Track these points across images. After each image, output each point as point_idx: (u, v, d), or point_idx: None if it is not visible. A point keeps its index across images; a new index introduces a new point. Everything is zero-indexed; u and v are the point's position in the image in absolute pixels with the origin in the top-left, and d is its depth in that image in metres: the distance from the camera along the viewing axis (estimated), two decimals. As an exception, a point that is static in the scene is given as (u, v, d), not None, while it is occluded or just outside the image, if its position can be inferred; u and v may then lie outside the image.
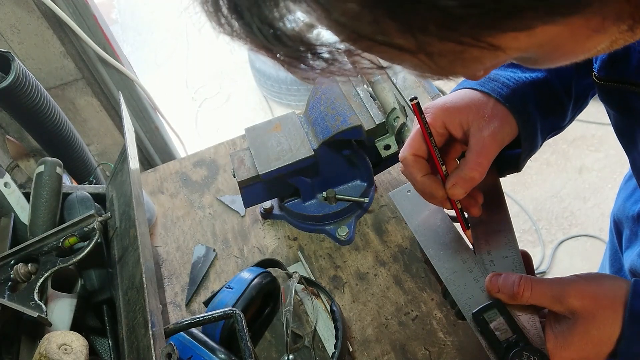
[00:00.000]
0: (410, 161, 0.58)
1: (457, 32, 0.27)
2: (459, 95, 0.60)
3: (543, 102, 0.60)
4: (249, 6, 0.28)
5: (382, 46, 0.29)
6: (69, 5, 1.37)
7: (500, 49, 0.29)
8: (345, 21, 0.28)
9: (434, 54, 0.29)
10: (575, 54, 0.34)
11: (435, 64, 0.30)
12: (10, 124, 1.41)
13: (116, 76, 1.57)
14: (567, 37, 0.31)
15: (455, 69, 0.33)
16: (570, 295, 0.50)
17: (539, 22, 0.28)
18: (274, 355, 0.80)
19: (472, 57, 0.30)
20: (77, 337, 0.65)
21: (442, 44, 0.28)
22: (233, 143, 1.12)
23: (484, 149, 0.56)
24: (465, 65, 0.32)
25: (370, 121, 0.82)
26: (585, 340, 0.49)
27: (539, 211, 2.22)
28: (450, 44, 0.28)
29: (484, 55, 0.30)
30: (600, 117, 2.37)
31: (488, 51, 0.29)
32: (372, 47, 0.30)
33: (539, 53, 0.33)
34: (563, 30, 0.29)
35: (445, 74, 0.33)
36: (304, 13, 0.29)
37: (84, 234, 0.73)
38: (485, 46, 0.28)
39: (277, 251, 0.93)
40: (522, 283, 0.53)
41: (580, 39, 0.31)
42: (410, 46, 0.28)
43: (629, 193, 0.76)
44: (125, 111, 0.82)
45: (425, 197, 0.60)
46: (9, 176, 0.83)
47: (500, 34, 0.28)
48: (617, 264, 0.83)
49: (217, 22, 0.30)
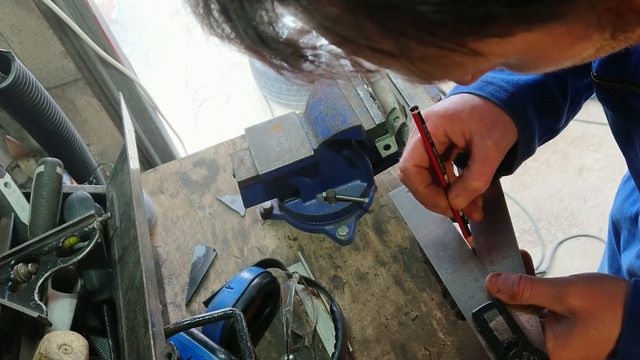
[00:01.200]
0: (411, 172, 0.57)
1: (436, 36, 0.27)
2: (459, 102, 0.59)
3: (540, 105, 0.60)
4: (237, 9, 0.29)
5: (365, 50, 0.29)
6: (69, 5, 1.37)
7: (481, 55, 0.29)
8: (328, 25, 0.28)
9: (416, 58, 0.29)
10: (560, 61, 0.34)
11: (418, 68, 0.30)
12: (10, 124, 1.41)
13: (116, 76, 1.57)
14: (549, 44, 0.31)
15: (439, 74, 0.33)
16: (570, 295, 0.50)
17: (518, 28, 0.28)
18: (274, 355, 0.80)
19: (454, 63, 0.30)
20: (77, 337, 0.65)
21: (422, 48, 0.28)
22: (233, 143, 1.12)
23: (488, 158, 0.55)
24: (447, 70, 0.32)
25: (370, 121, 0.82)
26: (585, 340, 0.49)
27: (539, 211, 2.22)
28: (431, 48, 0.28)
29: (465, 61, 0.30)
30: (600, 117, 2.36)
31: (469, 57, 0.29)
32: (357, 50, 0.30)
33: (522, 59, 0.33)
34: (544, 37, 0.29)
35: (430, 79, 0.33)
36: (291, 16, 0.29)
37: (84, 234, 0.73)
38: (466, 51, 0.28)
39: (277, 251, 0.93)
40: (521, 283, 0.53)
41: (563, 46, 0.31)
42: (392, 50, 0.28)
43: (627, 194, 0.76)
44: (125, 111, 0.82)
45: (427, 207, 0.59)
46: (9, 176, 0.83)
47: (479, 39, 0.28)
48: (616, 264, 0.83)
49: (207, 25, 0.31)
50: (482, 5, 0.25)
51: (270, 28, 0.29)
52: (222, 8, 0.29)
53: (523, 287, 0.52)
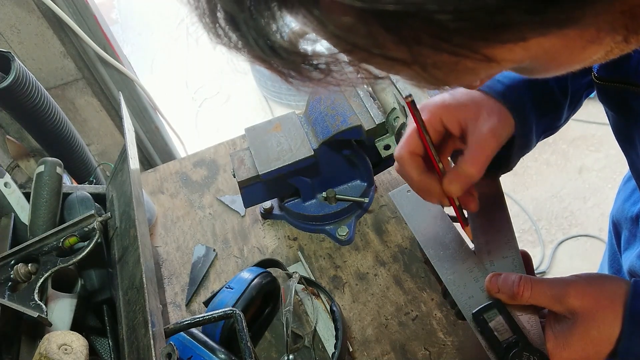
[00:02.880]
0: (406, 159, 0.57)
1: (451, 44, 0.27)
2: (457, 93, 0.59)
3: (539, 101, 0.60)
4: (246, 18, 0.28)
5: (377, 57, 0.29)
6: (69, 5, 1.37)
7: (494, 61, 0.29)
8: (340, 33, 0.28)
9: (429, 65, 0.29)
10: (571, 65, 0.34)
11: (430, 75, 0.30)
12: (10, 124, 1.41)
13: (116, 76, 1.57)
14: (562, 48, 0.31)
15: (450, 80, 0.33)
16: (570, 295, 0.50)
17: (533, 34, 0.28)
18: (274, 355, 0.80)
19: (467, 69, 0.31)
20: (77, 337, 0.65)
21: (436, 56, 0.28)
22: (233, 143, 1.12)
23: (483, 145, 0.55)
24: (459, 76, 0.32)
25: (370, 121, 0.82)
26: (585, 340, 0.49)
27: (539, 211, 2.22)
28: (445, 55, 0.28)
29: (478, 67, 0.30)
30: (600, 117, 2.37)
31: (483, 63, 0.29)
32: (368, 58, 0.30)
33: (534, 64, 0.33)
34: (557, 42, 0.30)
35: (441, 85, 0.33)
36: (300, 25, 0.29)
37: (84, 234, 0.73)
38: (480, 58, 0.29)
39: (277, 251, 0.93)
40: (521, 283, 0.53)
41: (575, 50, 0.31)
42: (405, 58, 0.28)
43: (627, 194, 0.76)
44: (125, 111, 0.82)
45: (421, 195, 0.59)
46: (9, 176, 0.83)
47: (494, 46, 0.28)
48: (616, 264, 0.83)
49: (214, 34, 0.30)
50: (501, 13, 0.25)
51: (280, 37, 0.29)
52: (229, 17, 0.29)
53: (523, 287, 0.52)
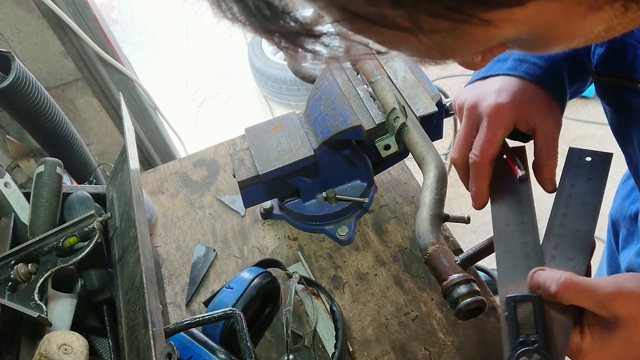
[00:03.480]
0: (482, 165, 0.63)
1: (449, 8, 0.27)
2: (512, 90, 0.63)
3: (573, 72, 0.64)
4: None
5: (377, 26, 0.29)
6: (69, 5, 1.37)
7: (492, 25, 0.30)
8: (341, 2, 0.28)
9: (427, 30, 0.29)
10: (572, 36, 0.34)
11: (430, 41, 0.30)
12: (10, 124, 1.41)
13: (116, 76, 1.57)
14: (561, 16, 0.31)
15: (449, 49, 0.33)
16: (617, 302, 0.48)
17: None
18: (274, 355, 0.80)
19: (465, 34, 0.31)
20: (77, 337, 0.65)
21: (434, 21, 0.28)
22: (233, 143, 1.12)
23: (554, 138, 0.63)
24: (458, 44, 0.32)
25: (370, 121, 0.82)
26: (625, 345, 0.48)
27: (539, 211, 2.20)
28: (443, 21, 0.28)
29: (477, 32, 0.30)
30: (600, 117, 2.36)
31: (481, 27, 0.29)
32: (368, 27, 0.30)
33: (533, 34, 0.33)
34: (555, 8, 0.30)
35: (440, 56, 0.34)
36: None
37: (84, 234, 0.73)
38: (478, 22, 0.29)
39: (277, 251, 0.93)
40: (563, 283, 0.50)
41: (574, 19, 0.31)
42: (403, 23, 0.29)
43: (626, 193, 0.76)
44: (125, 111, 0.82)
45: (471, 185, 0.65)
46: (9, 176, 0.83)
47: (492, 10, 0.28)
48: (615, 263, 0.83)
49: (217, 7, 0.31)
50: None
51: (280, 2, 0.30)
52: None
53: (564, 287, 0.49)
